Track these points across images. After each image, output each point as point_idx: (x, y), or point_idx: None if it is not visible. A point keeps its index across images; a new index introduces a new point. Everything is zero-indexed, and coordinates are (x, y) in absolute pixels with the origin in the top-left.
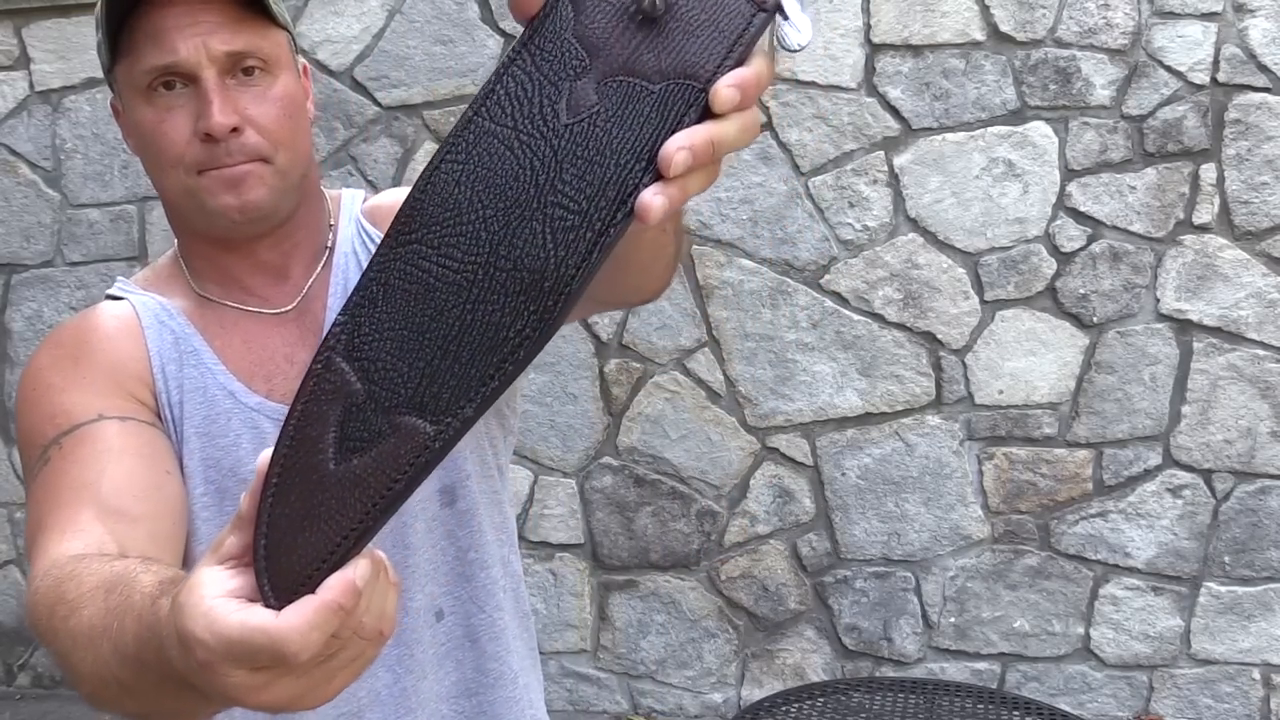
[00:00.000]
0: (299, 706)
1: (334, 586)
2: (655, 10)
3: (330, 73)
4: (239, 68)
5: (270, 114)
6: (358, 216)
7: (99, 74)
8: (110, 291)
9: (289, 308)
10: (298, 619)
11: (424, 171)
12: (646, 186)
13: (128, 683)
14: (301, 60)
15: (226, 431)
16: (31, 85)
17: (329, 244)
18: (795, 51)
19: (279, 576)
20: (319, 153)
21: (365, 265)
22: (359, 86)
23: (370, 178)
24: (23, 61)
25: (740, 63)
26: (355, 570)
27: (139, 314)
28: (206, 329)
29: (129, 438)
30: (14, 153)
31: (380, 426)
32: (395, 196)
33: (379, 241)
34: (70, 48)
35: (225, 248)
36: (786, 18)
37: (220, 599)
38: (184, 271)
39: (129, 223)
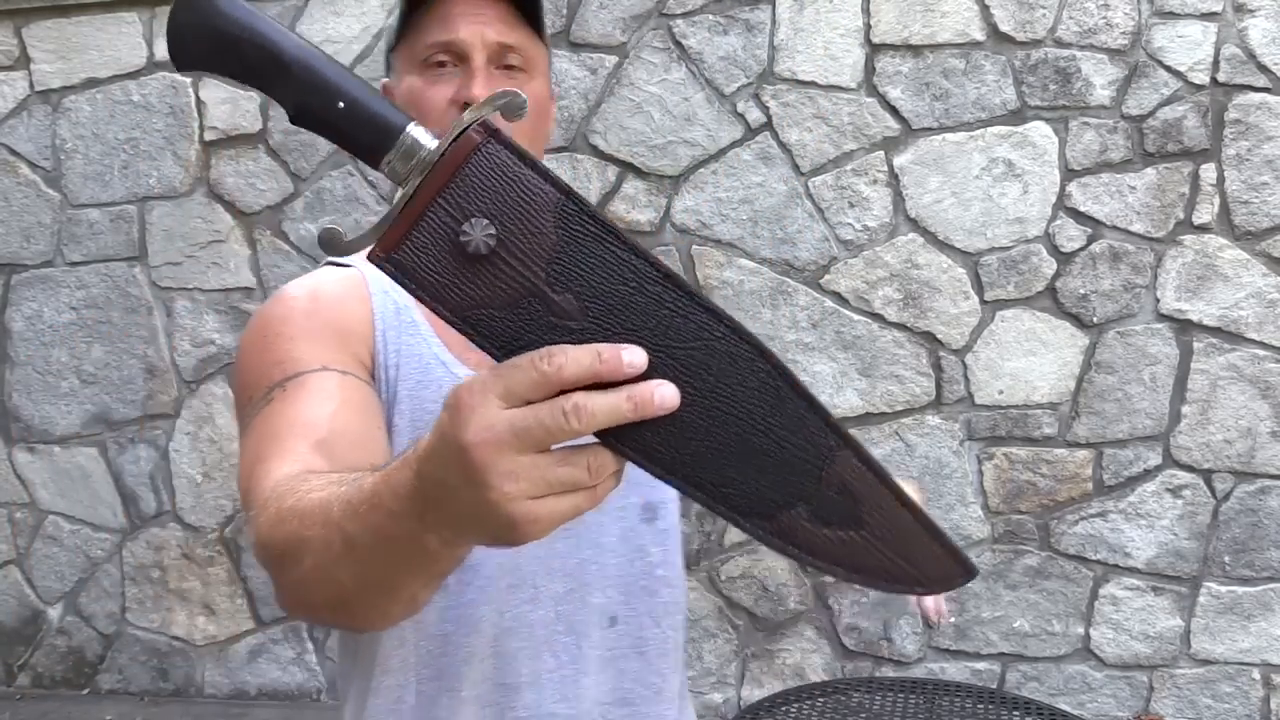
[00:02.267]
0: (522, 520)
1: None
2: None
3: None
4: (504, 60)
5: None
6: None
7: (99, 74)
8: (334, 260)
9: None
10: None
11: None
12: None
13: (352, 537)
14: (555, 88)
15: (437, 397)
16: (31, 85)
17: None
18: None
19: None
20: (319, 153)
21: None
22: None
23: (370, 178)
24: (23, 61)
25: None
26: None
27: (368, 280)
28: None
29: (349, 391)
30: (14, 153)
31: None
32: None
33: None
34: (70, 48)
35: None
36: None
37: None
38: None
39: (129, 223)
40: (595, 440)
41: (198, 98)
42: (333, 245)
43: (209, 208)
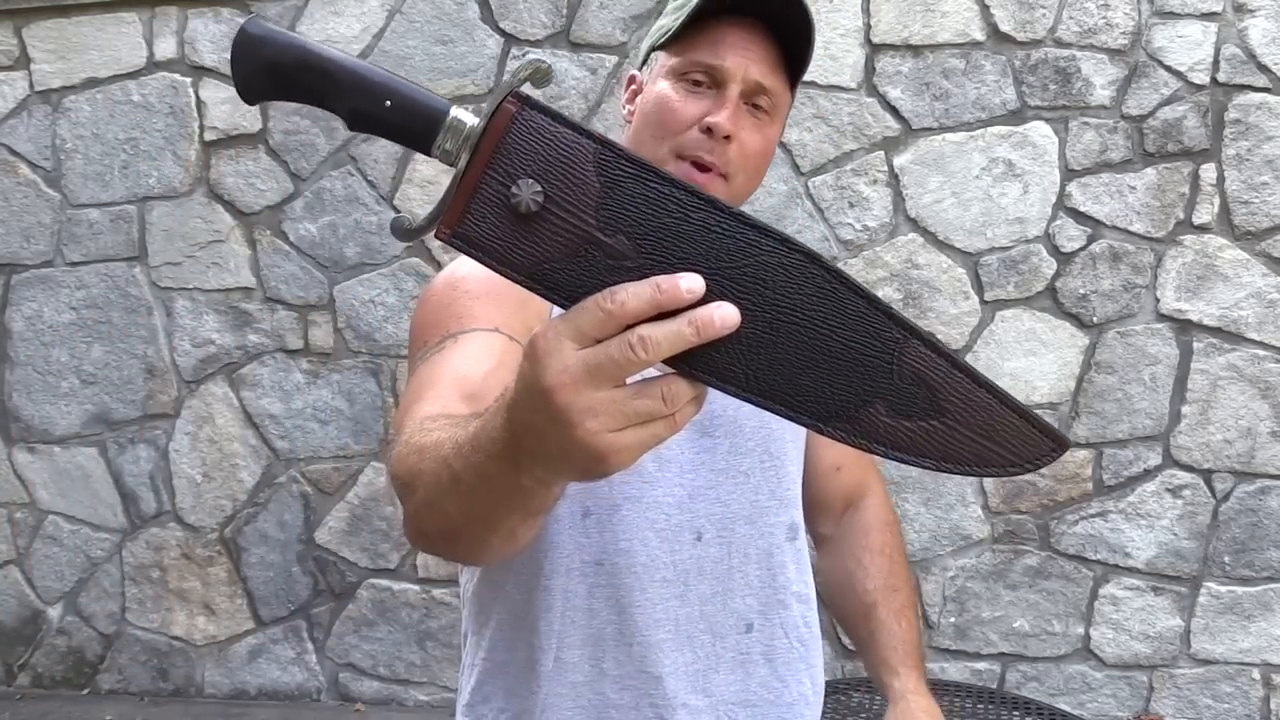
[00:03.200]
0: (607, 452)
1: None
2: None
3: None
4: (755, 99)
5: (755, 144)
6: None
7: (99, 74)
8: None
9: None
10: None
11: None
12: None
13: (457, 474)
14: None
15: None
16: (31, 85)
17: None
18: None
19: None
20: (319, 153)
21: None
22: None
23: (370, 178)
24: (23, 61)
25: None
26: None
27: None
28: None
29: (511, 356)
30: (14, 153)
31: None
32: None
33: None
34: (70, 48)
35: None
36: None
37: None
38: None
39: (129, 223)
40: (670, 370)
41: (198, 98)
42: (403, 231)
43: (209, 208)
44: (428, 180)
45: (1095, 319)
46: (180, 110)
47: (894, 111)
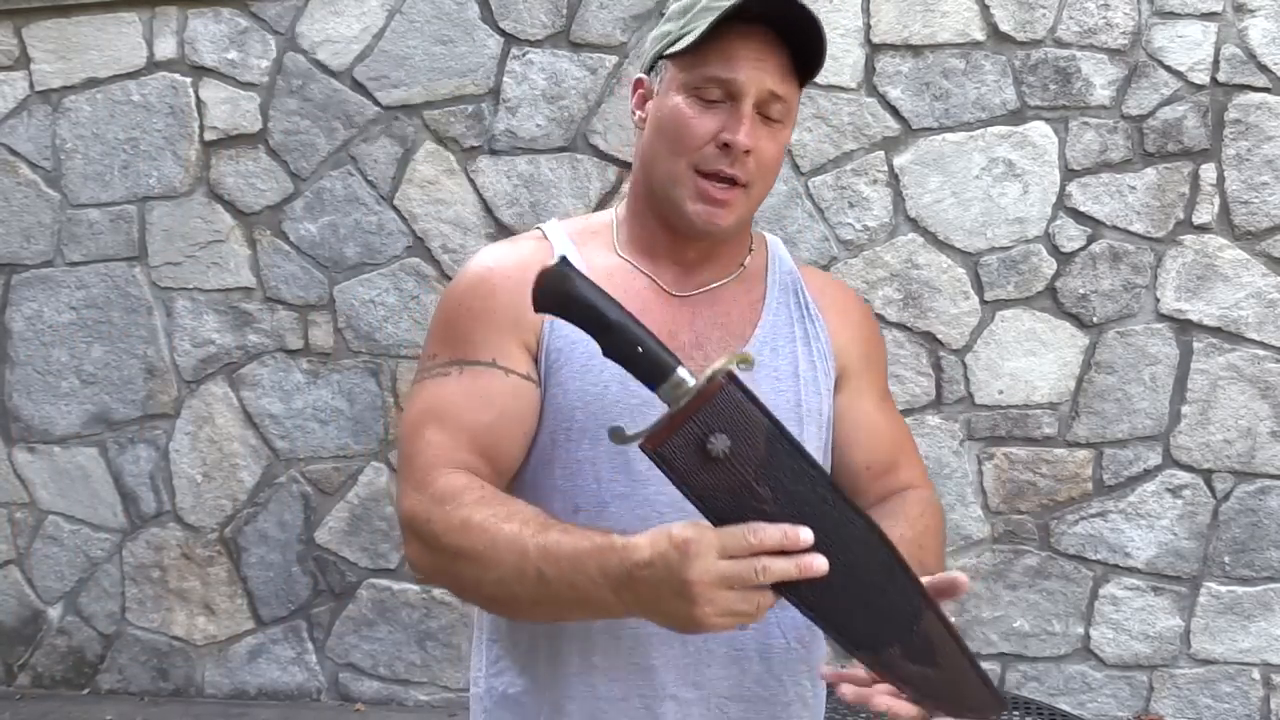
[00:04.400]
0: (704, 627)
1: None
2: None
3: (330, 73)
4: (769, 109)
5: (771, 152)
6: (795, 273)
7: (99, 74)
8: (543, 227)
9: (687, 294)
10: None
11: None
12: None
13: (548, 579)
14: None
15: (600, 379)
16: (31, 85)
17: (744, 261)
18: None
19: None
20: (319, 153)
21: (795, 330)
22: (359, 86)
23: (370, 178)
24: (23, 61)
25: None
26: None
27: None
28: (609, 287)
29: (506, 398)
30: (14, 153)
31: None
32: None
33: (815, 325)
34: (70, 48)
35: (669, 228)
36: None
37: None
38: (613, 233)
39: (129, 223)
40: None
41: (198, 98)
42: (619, 438)
43: (209, 208)
44: (428, 180)
45: (1095, 319)
46: (180, 110)
47: (894, 111)
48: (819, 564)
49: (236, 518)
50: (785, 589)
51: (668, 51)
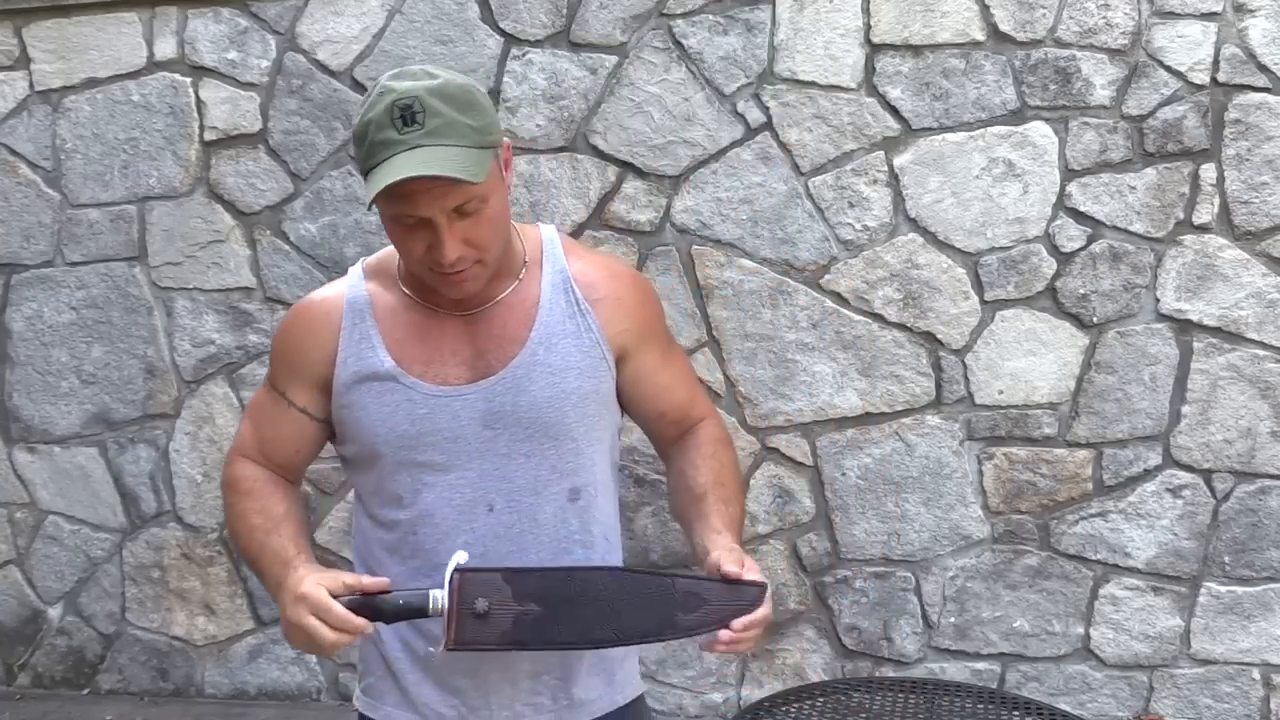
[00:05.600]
0: (299, 644)
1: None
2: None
3: (330, 73)
4: (463, 210)
5: (484, 235)
6: (566, 271)
7: (99, 74)
8: (354, 269)
9: (469, 311)
10: (332, 607)
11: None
12: None
13: (248, 557)
14: (505, 140)
15: (392, 401)
16: (31, 85)
17: (520, 274)
18: None
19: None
20: (319, 153)
21: (567, 326)
22: (359, 86)
23: None
24: (23, 61)
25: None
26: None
27: (345, 307)
28: (392, 321)
29: (285, 424)
30: (14, 153)
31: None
32: (595, 265)
33: (586, 318)
34: (70, 48)
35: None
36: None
37: (323, 592)
38: (396, 269)
39: (129, 223)
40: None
41: (198, 98)
42: (432, 655)
43: (209, 208)
44: None
45: (1095, 319)
46: (180, 110)
47: (894, 111)
48: (366, 631)
49: None
50: (576, 641)
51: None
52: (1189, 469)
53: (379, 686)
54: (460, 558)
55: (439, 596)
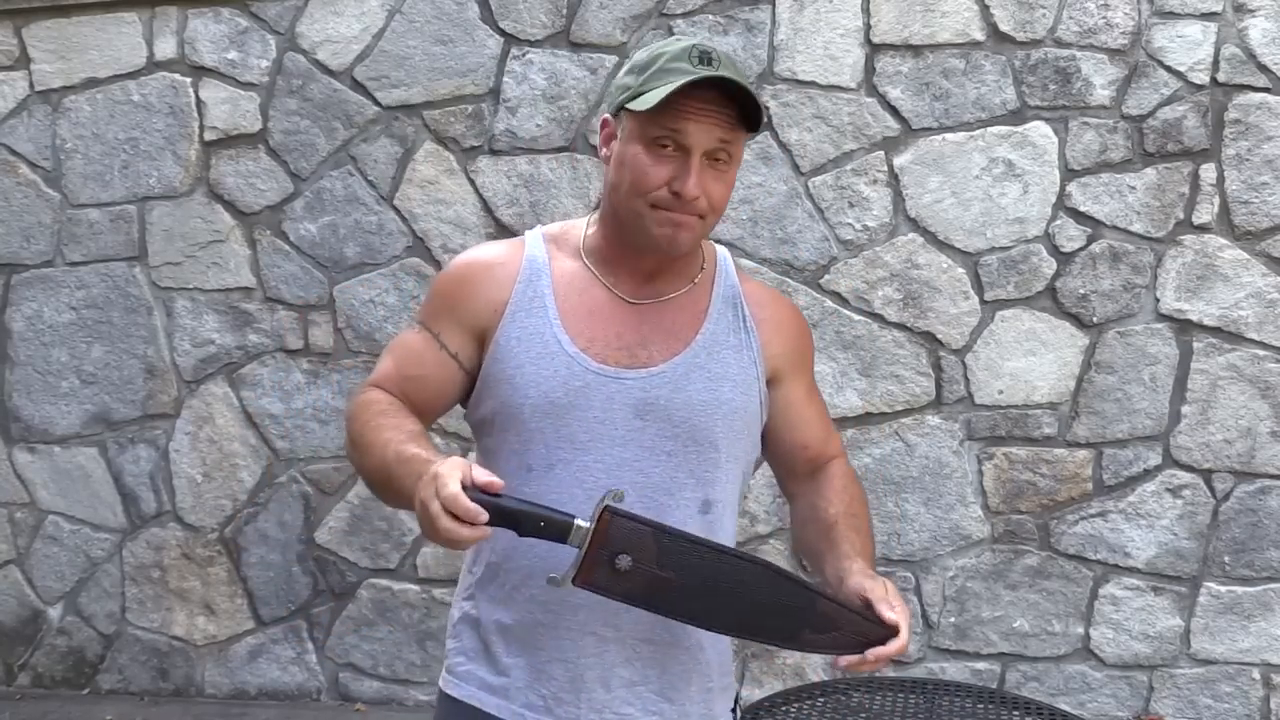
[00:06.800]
0: (421, 527)
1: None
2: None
3: (330, 73)
4: (714, 155)
5: (719, 193)
6: (738, 287)
7: (99, 74)
8: (530, 233)
9: (639, 301)
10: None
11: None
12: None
13: (375, 475)
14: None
15: (552, 368)
16: (31, 85)
17: (696, 278)
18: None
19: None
20: (319, 153)
21: (730, 339)
22: (359, 86)
23: (370, 178)
24: (23, 61)
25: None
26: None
27: (524, 264)
28: (567, 290)
29: (433, 365)
30: (14, 153)
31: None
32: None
33: (750, 336)
34: (70, 48)
35: (629, 245)
36: None
37: (456, 479)
38: (581, 241)
39: (129, 223)
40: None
41: (198, 98)
42: (554, 584)
43: (209, 208)
44: (427, 180)
45: (1095, 319)
46: (180, 110)
47: (894, 111)
48: (480, 519)
49: (236, 518)
50: (697, 619)
51: (629, 105)
52: (1189, 469)
53: (467, 666)
54: (618, 496)
55: (582, 528)
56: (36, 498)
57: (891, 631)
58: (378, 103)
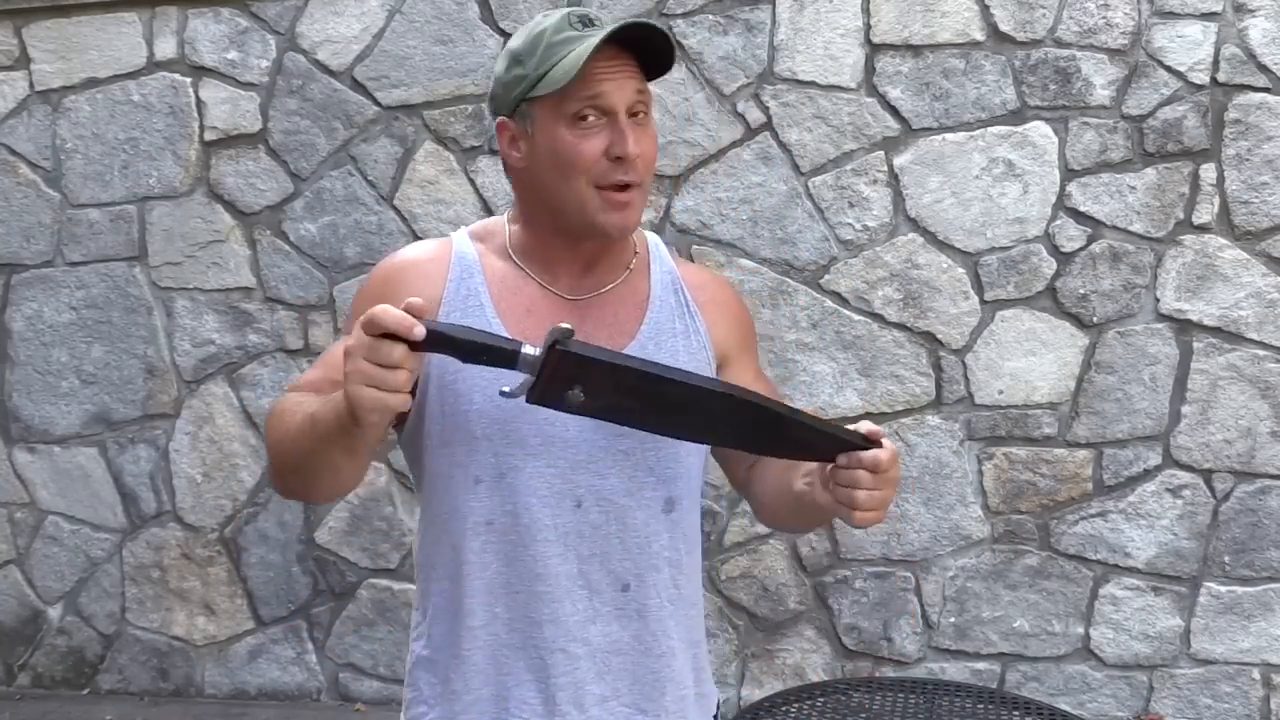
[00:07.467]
0: (348, 395)
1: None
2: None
3: (330, 73)
4: (634, 110)
5: (649, 148)
6: (675, 271)
7: (99, 74)
8: (455, 232)
9: (578, 297)
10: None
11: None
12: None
13: (298, 439)
14: None
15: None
16: (31, 85)
17: (631, 264)
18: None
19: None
20: (319, 153)
21: (676, 325)
22: (359, 86)
23: (370, 178)
24: (23, 61)
25: None
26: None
27: (453, 261)
28: (500, 288)
29: None
30: (14, 153)
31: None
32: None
33: (695, 320)
34: (70, 48)
35: (566, 237)
36: None
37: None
38: (506, 239)
39: (129, 223)
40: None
41: (198, 98)
42: (508, 395)
43: (209, 208)
44: (427, 180)
45: (1095, 319)
46: (180, 110)
47: (894, 111)
48: (417, 330)
49: (236, 518)
50: (680, 432)
51: (534, 94)
52: (1189, 469)
53: (430, 716)
54: (567, 333)
55: (530, 355)
56: (36, 498)
57: (873, 443)
58: (378, 103)
